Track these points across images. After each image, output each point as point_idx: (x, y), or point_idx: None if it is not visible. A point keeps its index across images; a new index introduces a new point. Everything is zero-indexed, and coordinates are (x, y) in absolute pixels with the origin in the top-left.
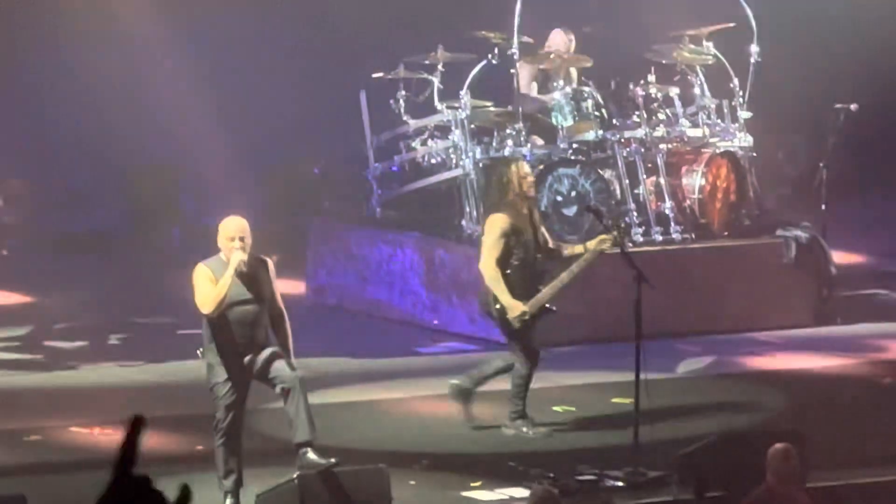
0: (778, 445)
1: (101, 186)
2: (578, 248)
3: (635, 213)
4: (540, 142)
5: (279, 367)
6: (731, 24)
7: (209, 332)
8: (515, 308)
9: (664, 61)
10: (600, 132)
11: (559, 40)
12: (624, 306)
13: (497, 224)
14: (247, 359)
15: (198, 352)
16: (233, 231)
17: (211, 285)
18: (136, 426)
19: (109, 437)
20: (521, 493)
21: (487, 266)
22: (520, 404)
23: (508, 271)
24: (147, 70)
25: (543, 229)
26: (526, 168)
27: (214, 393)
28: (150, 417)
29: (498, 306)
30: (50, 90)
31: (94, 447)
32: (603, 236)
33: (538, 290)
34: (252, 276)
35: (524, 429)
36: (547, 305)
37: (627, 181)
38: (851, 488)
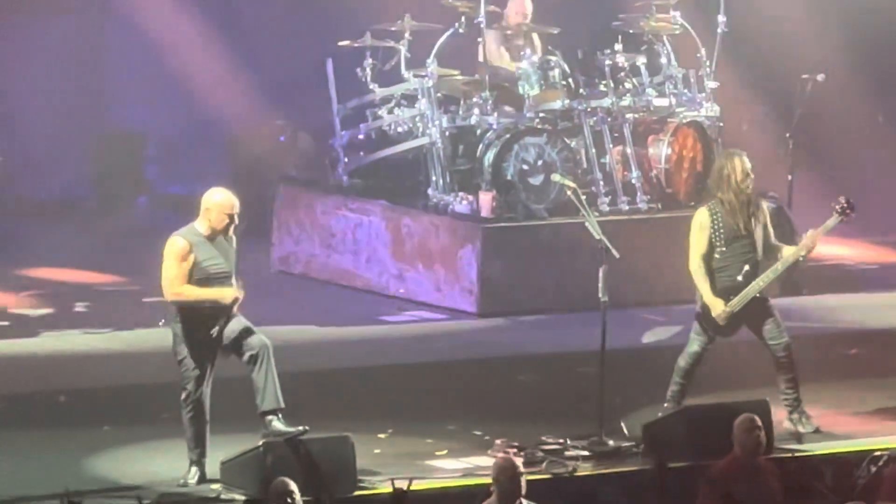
0: (743, 416)
1: (63, 153)
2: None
3: (602, 183)
4: (509, 109)
5: (247, 335)
6: None
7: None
8: (716, 306)
9: (631, 30)
10: (567, 101)
11: (516, 5)
12: (589, 276)
13: (696, 219)
14: (214, 329)
15: (159, 323)
16: (231, 207)
17: (183, 268)
18: None
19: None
20: (486, 462)
21: (692, 261)
22: (676, 390)
23: (714, 266)
24: (110, 36)
25: (770, 228)
26: (748, 164)
27: (181, 363)
28: (115, 385)
29: (702, 302)
30: (11, 54)
31: (58, 414)
32: (828, 223)
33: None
34: (225, 250)
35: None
36: (758, 295)
37: (594, 150)
38: (816, 458)
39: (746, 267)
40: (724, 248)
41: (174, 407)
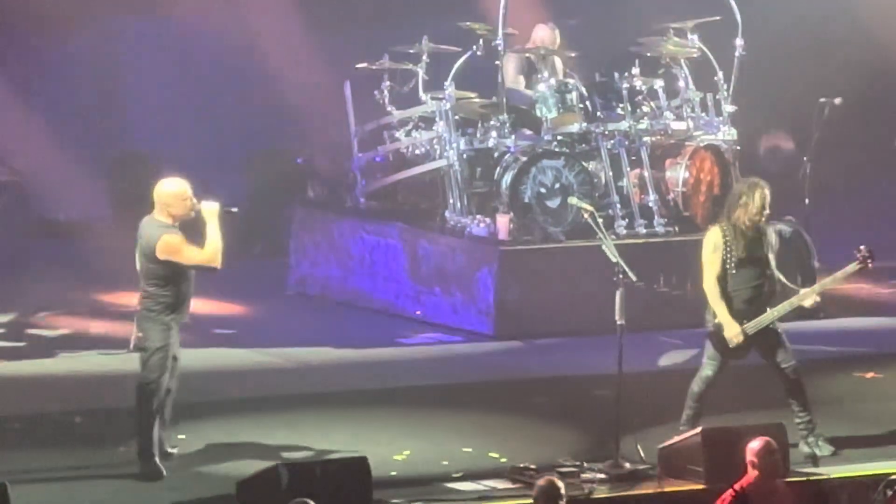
0: (761, 439)
1: (80, 174)
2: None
3: (619, 206)
4: (528, 132)
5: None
6: (717, 18)
7: (163, 291)
8: (731, 328)
9: (649, 54)
10: (584, 124)
11: (544, 34)
12: (606, 299)
13: (709, 238)
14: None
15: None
16: (187, 191)
17: (195, 245)
18: None
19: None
20: (503, 484)
21: (706, 281)
22: (690, 415)
23: (729, 288)
24: (128, 58)
25: (774, 266)
26: (767, 198)
27: (150, 354)
28: (131, 406)
29: (716, 321)
30: (28, 74)
31: (75, 435)
32: (848, 268)
33: (763, 311)
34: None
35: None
36: (771, 326)
37: (611, 173)
38: (832, 481)
39: (754, 293)
40: (734, 272)
41: (191, 428)
